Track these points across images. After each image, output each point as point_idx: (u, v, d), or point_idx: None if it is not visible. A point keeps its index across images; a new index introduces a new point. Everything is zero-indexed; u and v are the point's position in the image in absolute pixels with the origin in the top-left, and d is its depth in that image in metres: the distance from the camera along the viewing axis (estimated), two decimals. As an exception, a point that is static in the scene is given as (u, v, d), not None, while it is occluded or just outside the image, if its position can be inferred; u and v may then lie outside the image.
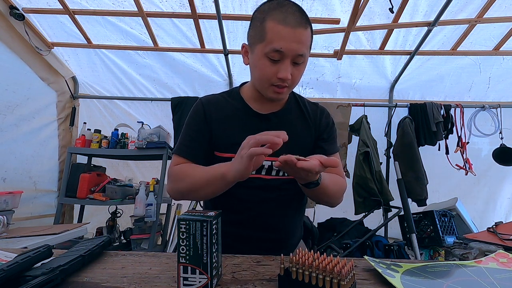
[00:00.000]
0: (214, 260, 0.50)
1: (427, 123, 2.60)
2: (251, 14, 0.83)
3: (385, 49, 2.50)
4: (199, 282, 0.49)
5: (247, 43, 0.84)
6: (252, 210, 0.85)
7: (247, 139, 0.63)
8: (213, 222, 0.51)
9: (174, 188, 0.82)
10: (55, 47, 2.58)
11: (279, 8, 0.74)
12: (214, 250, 0.50)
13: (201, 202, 2.10)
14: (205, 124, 0.86)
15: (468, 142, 2.66)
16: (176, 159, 0.85)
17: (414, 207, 2.52)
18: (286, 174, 0.86)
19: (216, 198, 0.88)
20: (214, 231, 0.51)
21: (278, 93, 0.79)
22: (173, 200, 2.70)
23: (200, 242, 0.49)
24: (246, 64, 0.85)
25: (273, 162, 0.85)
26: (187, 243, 0.49)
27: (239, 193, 0.84)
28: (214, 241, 0.51)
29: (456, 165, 2.63)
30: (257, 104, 0.88)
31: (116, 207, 2.56)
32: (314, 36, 2.59)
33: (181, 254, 0.49)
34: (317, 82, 2.84)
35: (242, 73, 2.80)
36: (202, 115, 0.87)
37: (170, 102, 2.81)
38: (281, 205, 0.86)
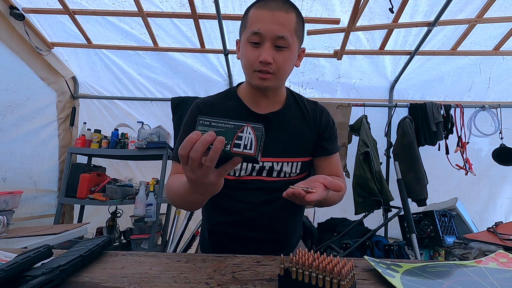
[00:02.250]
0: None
1: (427, 123, 2.60)
2: (252, 14, 0.83)
3: (385, 49, 2.50)
4: (249, 133, 0.50)
5: (239, 38, 0.85)
6: (252, 211, 0.84)
7: (185, 171, 0.52)
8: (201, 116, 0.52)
9: (169, 200, 0.82)
10: (55, 47, 2.59)
11: None
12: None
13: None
14: None
15: (468, 142, 2.67)
16: (174, 166, 0.85)
17: (414, 207, 2.52)
18: (287, 176, 0.85)
19: (215, 200, 0.87)
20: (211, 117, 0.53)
21: (262, 79, 0.77)
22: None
23: (216, 127, 0.50)
24: (238, 59, 0.84)
25: (274, 164, 0.83)
26: None
27: (239, 195, 0.83)
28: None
29: (456, 165, 2.63)
30: (255, 103, 0.87)
31: (116, 207, 2.56)
32: (314, 36, 2.55)
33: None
34: (317, 82, 2.84)
35: (242, 73, 2.77)
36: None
37: (170, 102, 2.81)
38: (282, 206, 0.85)
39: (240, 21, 0.87)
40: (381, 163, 2.58)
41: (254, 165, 0.83)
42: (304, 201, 0.59)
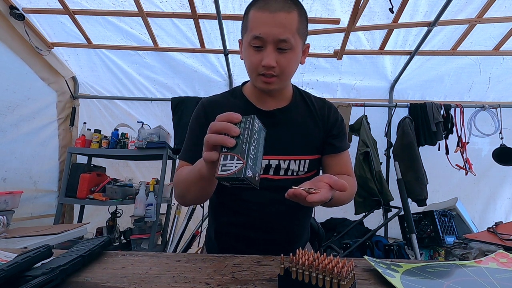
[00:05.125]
0: (252, 152, 0.53)
1: (427, 123, 2.60)
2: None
3: (385, 49, 2.50)
4: (235, 166, 0.51)
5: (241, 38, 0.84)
6: (260, 212, 0.82)
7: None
8: (256, 120, 0.54)
9: (175, 194, 0.80)
10: (55, 47, 2.59)
11: None
12: (254, 143, 0.53)
13: (203, 204, 2.11)
14: (206, 127, 0.84)
15: (468, 142, 2.67)
16: (179, 164, 0.84)
17: (414, 207, 2.52)
18: (295, 174, 0.83)
19: (222, 200, 0.87)
20: (256, 129, 0.54)
21: (266, 83, 0.76)
22: (173, 200, 2.71)
23: (242, 135, 0.53)
24: (242, 59, 0.83)
25: (281, 162, 0.82)
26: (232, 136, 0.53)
27: (245, 194, 0.82)
28: (255, 136, 0.53)
29: (456, 165, 2.63)
30: (260, 101, 0.85)
31: (116, 207, 2.56)
32: (314, 36, 2.55)
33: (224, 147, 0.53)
34: (317, 82, 2.85)
35: (242, 73, 2.80)
36: (203, 118, 0.85)
37: (170, 102, 2.81)
38: (289, 206, 0.82)
39: (240, 21, 0.85)
40: (381, 163, 2.58)
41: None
42: (306, 202, 0.57)
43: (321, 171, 0.92)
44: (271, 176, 0.82)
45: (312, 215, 1.02)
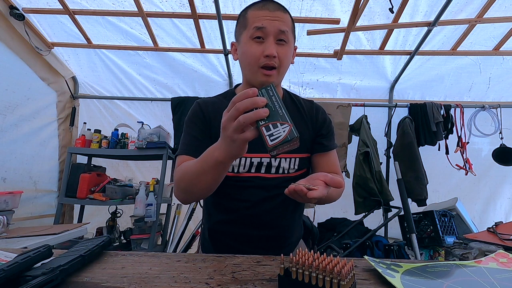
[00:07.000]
0: (288, 114, 0.53)
1: (427, 123, 2.61)
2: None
3: (385, 49, 2.50)
4: (284, 131, 0.52)
5: (235, 41, 0.90)
6: (252, 209, 0.84)
7: (225, 115, 0.55)
8: (274, 86, 0.55)
9: (177, 189, 0.76)
10: (55, 47, 2.59)
11: (259, 1, 0.83)
12: (284, 107, 0.54)
13: (201, 202, 2.11)
14: (204, 123, 0.86)
15: (468, 142, 2.67)
16: (179, 160, 0.82)
17: (414, 207, 2.52)
18: (286, 172, 0.86)
19: (216, 199, 0.88)
20: (278, 94, 0.55)
21: (267, 75, 0.80)
22: (173, 200, 2.71)
23: (271, 102, 0.53)
24: (236, 60, 0.88)
25: (272, 159, 0.84)
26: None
27: (238, 193, 0.84)
28: (282, 101, 0.54)
29: (456, 165, 2.63)
30: None
31: (116, 207, 2.56)
32: (314, 36, 2.56)
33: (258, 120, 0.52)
34: (317, 82, 2.85)
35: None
36: (201, 115, 0.87)
37: (170, 102, 2.81)
38: (281, 203, 0.86)
39: (240, 21, 0.88)
40: (381, 163, 2.59)
41: (253, 161, 0.84)
42: (306, 199, 0.59)
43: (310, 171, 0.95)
44: (263, 174, 0.85)
45: (312, 216, 1.04)
